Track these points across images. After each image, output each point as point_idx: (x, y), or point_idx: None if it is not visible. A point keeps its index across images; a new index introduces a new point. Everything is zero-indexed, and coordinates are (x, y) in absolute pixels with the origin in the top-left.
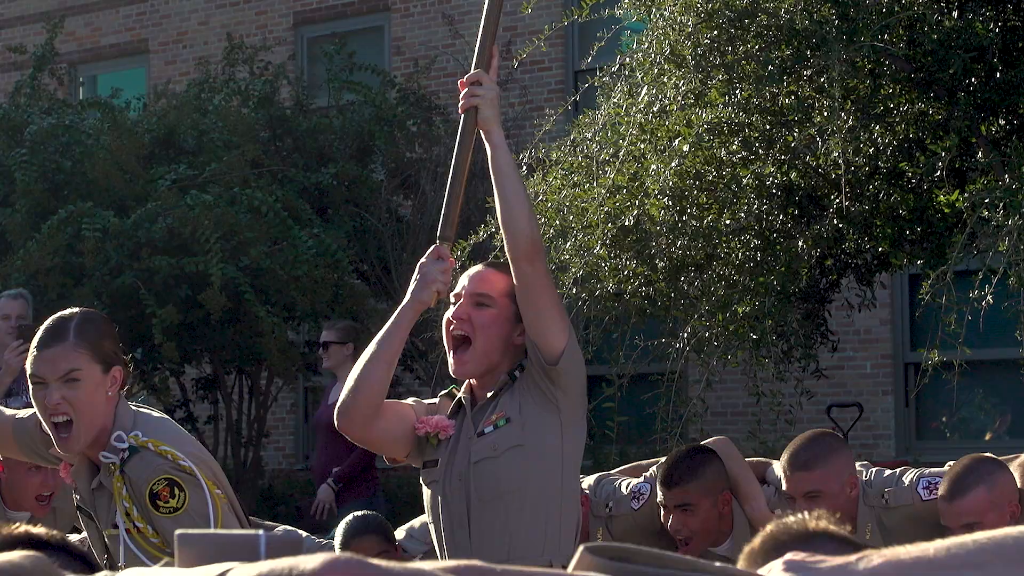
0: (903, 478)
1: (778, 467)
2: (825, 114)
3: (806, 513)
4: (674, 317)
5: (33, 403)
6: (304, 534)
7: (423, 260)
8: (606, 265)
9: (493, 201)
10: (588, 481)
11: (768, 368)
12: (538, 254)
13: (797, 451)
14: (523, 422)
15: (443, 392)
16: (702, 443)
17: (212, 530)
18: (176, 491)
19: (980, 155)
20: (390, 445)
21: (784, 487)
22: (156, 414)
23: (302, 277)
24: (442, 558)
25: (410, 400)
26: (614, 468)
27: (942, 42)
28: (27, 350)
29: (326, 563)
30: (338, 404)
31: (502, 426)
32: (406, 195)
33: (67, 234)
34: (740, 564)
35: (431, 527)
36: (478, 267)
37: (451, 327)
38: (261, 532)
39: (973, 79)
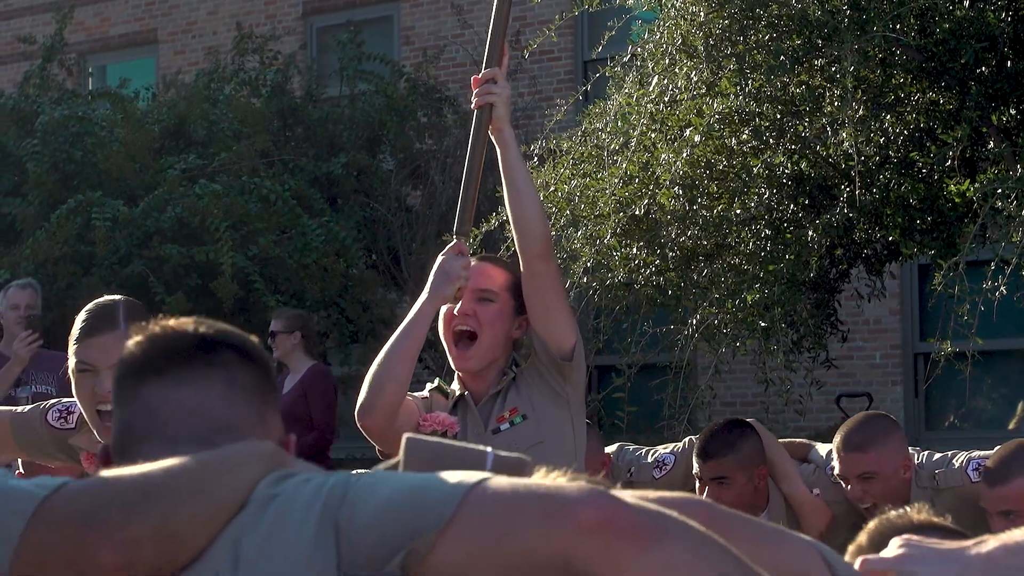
0: (954, 460)
1: (822, 449)
2: (836, 104)
3: (909, 508)
4: (684, 306)
5: (76, 392)
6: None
7: (443, 256)
8: (616, 254)
9: (503, 196)
10: (610, 448)
11: (777, 357)
12: (550, 251)
13: (851, 432)
14: (538, 418)
15: (431, 387)
16: (738, 418)
17: (443, 440)
18: None
19: (991, 145)
20: (399, 441)
21: (837, 469)
22: None
23: (311, 266)
24: None
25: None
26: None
27: (954, 32)
28: (36, 340)
29: (588, 493)
30: (361, 402)
31: (519, 423)
32: (415, 185)
33: (76, 223)
34: (847, 559)
35: None
36: (477, 262)
37: (454, 323)
38: (489, 449)
39: (984, 69)
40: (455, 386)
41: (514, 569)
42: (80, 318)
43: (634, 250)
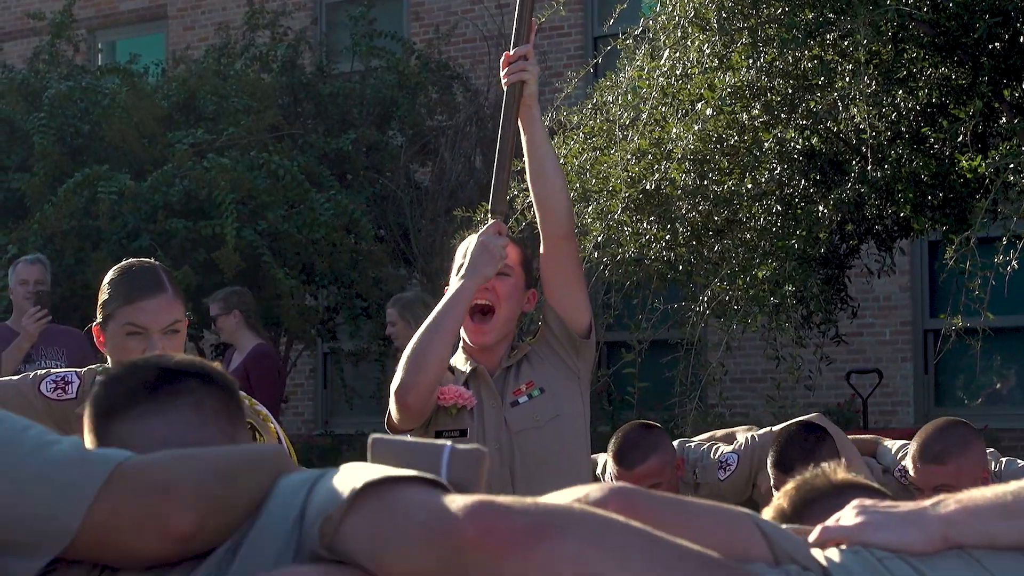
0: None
1: (890, 444)
2: (848, 78)
3: (824, 466)
4: (695, 282)
5: (116, 354)
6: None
7: (483, 236)
8: (627, 229)
9: (526, 173)
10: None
11: (788, 332)
12: (573, 230)
13: (929, 442)
14: (554, 392)
15: None
16: (808, 421)
17: (402, 438)
18: (257, 437)
19: (1003, 120)
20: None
21: (913, 479)
22: None
23: (320, 240)
24: None
25: None
26: (720, 431)
27: (966, 6)
28: (45, 316)
29: (470, 508)
30: (400, 382)
31: (537, 396)
32: (425, 162)
33: (83, 197)
34: (768, 518)
35: None
36: None
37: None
38: (448, 443)
39: (997, 44)
40: (459, 361)
41: (407, 565)
42: (117, 281)
43: (645, 225)
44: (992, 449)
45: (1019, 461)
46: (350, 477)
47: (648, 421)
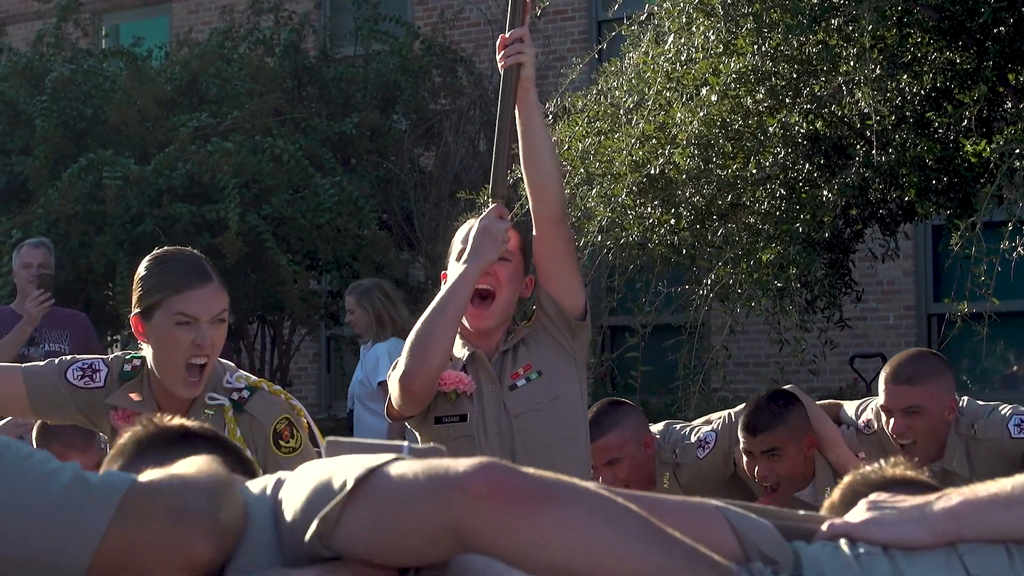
0: (996, 411)
1: (850, 407)
2: (853, 63)
3: (882, 462)
4: (698, 266)
5: (162, 344)
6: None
7: (485, 220)
8: (631, 213)
9: (519, 156)
10: (656, 427)
11: (792, 317)
12: (566, 214)
13: (902, 365)
14: (552, 374)
15: None
16: (781, 389)
17: (359, 439)
18: (295, 431)
19: (1008, 105)
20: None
21: (883, 401)
22: None
23: (324, 225)
24: None
25: None
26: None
27: None
28: (48, 299)
29: (478, 465)
30: (405, 368)
31: (535, 379)
32: (428, 146)
33: (88, 182)
34: (823, 514)
35: None
36: None
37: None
38: (406, 443)
39: (1002, 28)
40: (457, 346)
41: (412, 539)
42: (162, 270)
43: (649, 209)
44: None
45: (981, 402)
46: (326, 474)
47: (619, 399)
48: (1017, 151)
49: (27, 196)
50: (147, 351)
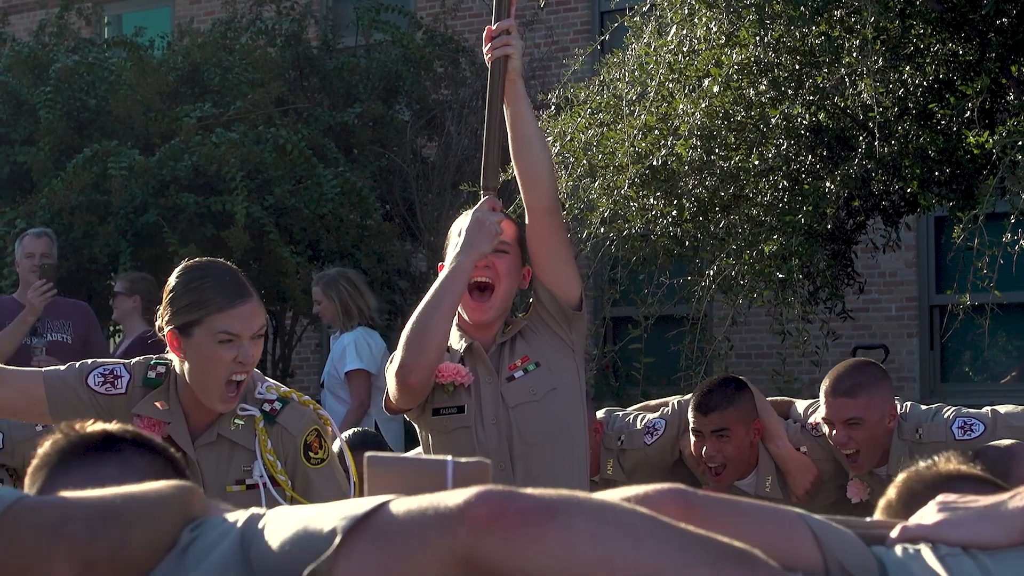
0: (940, 414)
1: (801, 405)
2: (855, 54)
3: (938, 457)
4: (701, 257)
5: (206, 360)
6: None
7: (478, 212)
8: (634, 205)
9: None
10: (598, 414)
11: (794, 308)
12: (558, 203)
13: (841, 377)
14: (549, 365)
15: None
16: (731, 375)
17: (402, 455)
18: (323, 442)
19: (1011, 96)
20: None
21: (824, 413)
22: None
23: (327, 216)
24: None
25: None
26: (654, 401)
27: None
28: (50, 289)
29: (478, 494)
30: (401, 362)
31: (532, 370)
32: (431, 136)
33: (93, 173)
34: (877, 515)
35: None
36: None
37: (473, 274)
38: (449, 458)
39: (1005, 20)
40: (454, 338)
41: None
42: (203, 287)
43: (651, 200)
44: (896, 396)
45: (923, 405)
46: (307, 520)
47: None
48: (1019, 143)
49: (30, 186)
50: (178, 363)
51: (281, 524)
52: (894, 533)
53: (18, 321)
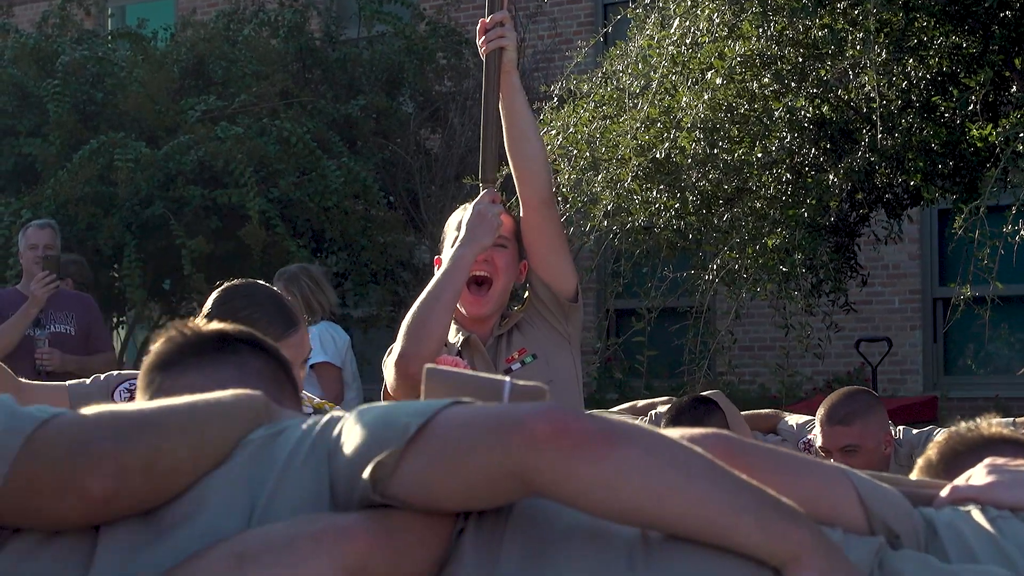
0: (932, 438)
1: (791, 419)
2: (858, 47)
3: (979, 420)
4: (704, 250)
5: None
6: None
7: (479, 205)
8: (637, 198)
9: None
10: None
11: (797, 301)
12: (553, 196)
13: (835, 406)
14: (547, 358)
15: None
16: (702, 395)
17: (461, 370)
18: None
19: (1014, 89)
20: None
21: (820, 442)
22: None
23: (332, 208)
24: None
25: None
26: (641, 401)
27: None
28: (54, 280)
29: (542, 408)
30: (401, 351)
31: (530, 363)
32: (434, 128)
33: (99, 164)
34: (915, 475)
35: None
36: None
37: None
38: (508, 379)
39: (1008, 12)
40: (451, 332)
41: (475, 484)
42: (250, 316)
43: (655, 193)
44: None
45: (915, 430)
46: (385, 416)
47: None
48: (1022, 135)
49: (34, 177)
50: None
51: (358, 426)
52: (944, 493)
53: (21, 312)
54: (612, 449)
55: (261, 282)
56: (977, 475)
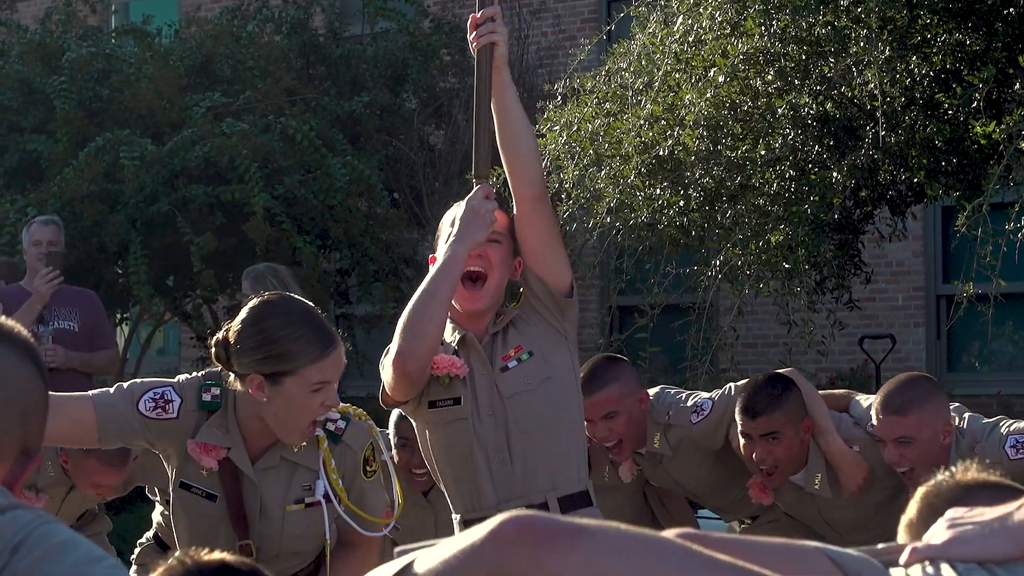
0: (996, 430)
1: (864, 400)
2: (862, 44)
3: (955, 468)
4: (707, 247)
5: (290, 403)
6: None
7: (472, 200)
8: (640, 195)
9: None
10: (652, 390)
11: (800, 298)
12: (546, 191)
13: (891, 394)
14: (543, 354)
15: None
16: (777, 372)
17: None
18: (377, 455)
19: (1017, 86)
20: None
21: (875, 430)
22: None
23: (336, 206)
24: (469, 491)
25: None
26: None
27: None
28: (57, 277)
29: (507, 517)
30: (398, 350)
31: (526, 360)
32: (438, 124)
33: (104, 162)
34: (901, 536)
35: (446, 465)
36: None
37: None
38: None
39: (1012, 9)
40: (447, 330)
41: None
42: (291, 337)
43: (658, 190)
44: (957, 404)
45: (983, 419)
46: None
47: (615, 355)
48: None
49: (39, 174)
50: (248, 399)
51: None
52: (903, 557)
53: (25, 309)
54: (579, 538)
55: (293, 296)
56: (937, 532)
